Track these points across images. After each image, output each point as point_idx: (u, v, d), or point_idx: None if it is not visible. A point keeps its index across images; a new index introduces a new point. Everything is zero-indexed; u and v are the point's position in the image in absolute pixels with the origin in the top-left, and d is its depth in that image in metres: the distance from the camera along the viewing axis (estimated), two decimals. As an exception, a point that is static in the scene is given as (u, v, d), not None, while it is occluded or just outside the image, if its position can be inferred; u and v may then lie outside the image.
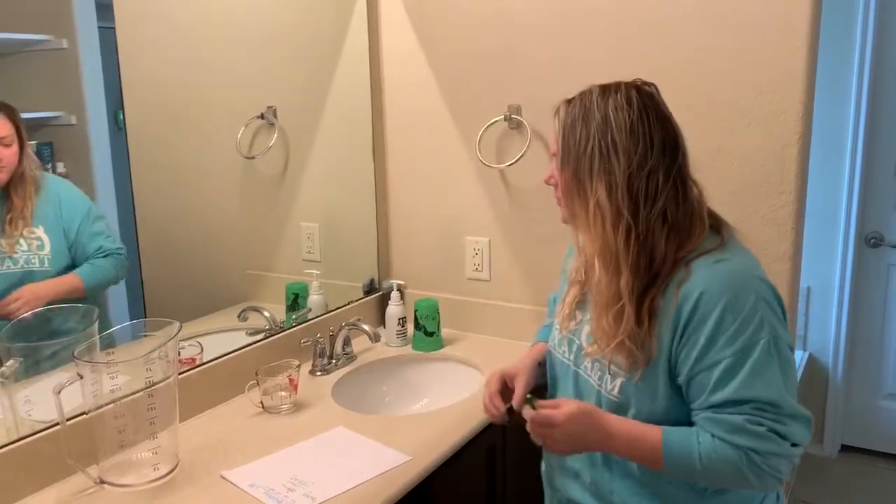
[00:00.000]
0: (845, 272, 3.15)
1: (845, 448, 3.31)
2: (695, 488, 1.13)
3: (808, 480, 3.07)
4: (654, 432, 1.09)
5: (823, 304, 3.21)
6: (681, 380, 1.09)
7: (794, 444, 1.04)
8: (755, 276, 1.08)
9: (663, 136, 1.11)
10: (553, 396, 1.30)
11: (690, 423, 1.10)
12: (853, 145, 3.04)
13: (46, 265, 1.45)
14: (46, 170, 1.46)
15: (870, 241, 3.12)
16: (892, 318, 3.14)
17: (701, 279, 1.06)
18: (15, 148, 1.41)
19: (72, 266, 1.50)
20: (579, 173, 1.12)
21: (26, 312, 1.39)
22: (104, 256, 1.55)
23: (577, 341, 1.23)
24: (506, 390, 1.32)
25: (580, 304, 1.25)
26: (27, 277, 1.43)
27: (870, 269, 3.15)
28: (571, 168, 1.14)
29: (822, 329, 3.24)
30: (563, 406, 1.13)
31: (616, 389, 1.14)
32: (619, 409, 1.14)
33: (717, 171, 1.70)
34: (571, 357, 1.24)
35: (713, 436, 1.05)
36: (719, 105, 1.68)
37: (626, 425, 1.11)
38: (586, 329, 1.21)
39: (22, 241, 1.43)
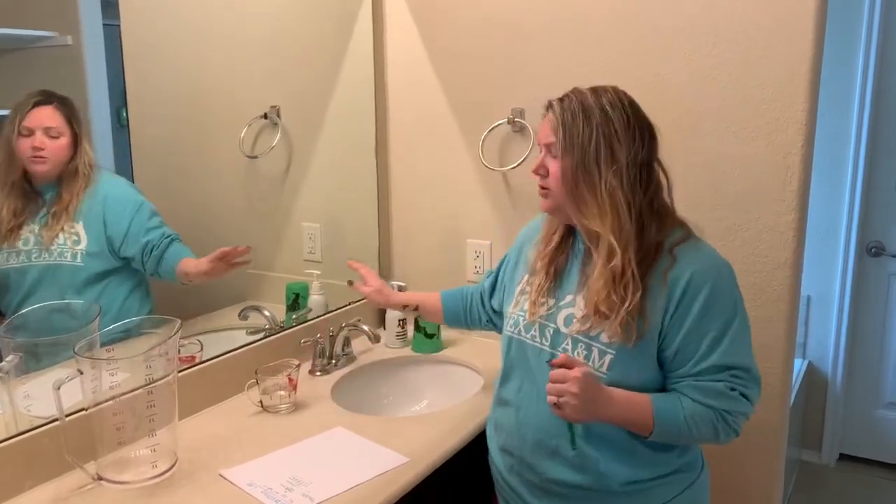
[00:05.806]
0: (846, 281, 3.15)
1: (843, 457, 3.31)
2: (660, 448, 1.25)
3: (806, 489, 3.07)
4: (643, 398, 1.20)
5: (824, 312, 3.21)
6: (668, 350, 1.21)
7: (752, 403, 1.22)
8: (725, 261, 1.25)
9: (649, 132, 1.24)
10: (509, 381, 1.36)
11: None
12: (856, 154, 3.04)
13: (79, 260, 1.45)
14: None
15: (871, 251, 3.12)
16: (892, 328, 3.14)
17: (688, 263, 1.20)
18: (63, 142, 1.41)
19: (109, 263, 1.51)
20: (586, 162, 1.20)
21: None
22: (171, 241, 1.59)
23: (551, 325, 1.28)
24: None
25: (549, 290, 1.30)
26: (55, 269, 1.43)
27: (870, 279, 3.15)
28: (577, 157, 1.21)
29: (822, 338, 3.24)
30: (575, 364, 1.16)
31: (605, 366, 1.21)
32: (607, 384, 1.20)
33: (719, 178, 1.70)
34: (548, 340, 1.28)
35: (694, 400, 1.19)
36: (722, 111, 1.68)
37: (622, 392, 1.20)
38: (564, 312, 1.27)
39: (61, 234, 1.44)
